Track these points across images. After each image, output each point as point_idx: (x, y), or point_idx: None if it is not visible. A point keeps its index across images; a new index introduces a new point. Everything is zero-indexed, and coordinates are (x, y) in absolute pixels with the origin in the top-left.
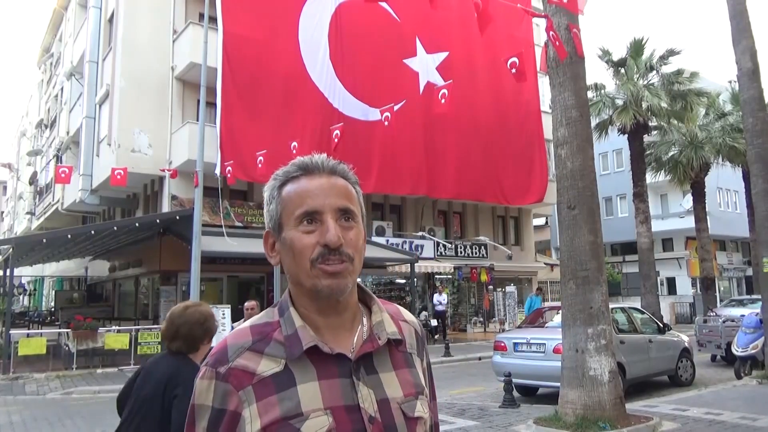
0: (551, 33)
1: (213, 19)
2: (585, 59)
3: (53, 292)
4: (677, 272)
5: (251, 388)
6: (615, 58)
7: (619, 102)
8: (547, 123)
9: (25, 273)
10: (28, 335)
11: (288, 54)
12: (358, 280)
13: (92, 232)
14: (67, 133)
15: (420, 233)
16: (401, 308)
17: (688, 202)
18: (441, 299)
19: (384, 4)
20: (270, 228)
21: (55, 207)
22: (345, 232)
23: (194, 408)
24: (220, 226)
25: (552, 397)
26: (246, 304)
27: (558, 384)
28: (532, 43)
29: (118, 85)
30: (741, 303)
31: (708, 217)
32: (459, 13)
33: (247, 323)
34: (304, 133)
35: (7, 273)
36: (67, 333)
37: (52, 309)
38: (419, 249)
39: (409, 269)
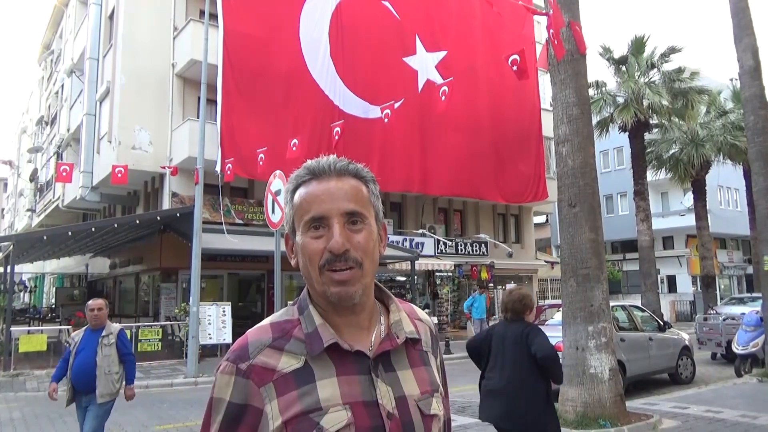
0: (551, 31)
1: (213, 16)
2: (586, 57)
3: (54, 289)
4: (678, 270)
5: (272, 385)
6: (616, 55)
7: (620, 100)
8: (548, 121)
9: (25, 270)
10: (28, 332)
11: (289, 51)
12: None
13: (93, 229)
14: (68, 130)
15: (420, 231)
16: (416, 307)
17: (688, 200)
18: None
19: (385, 2)
20: (288, 231)
21: (56, 204)
22: (353, 235)
23: (212, 401)
24: (221, 224)
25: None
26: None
27: None
28: (533, 41)
29: (119, 82)
30: (741, 301)
31: (708, 215)
32: (459, 11)
33: (267, 320)
34: (305, 130)
35: (8, 270)
36: (68, 330)
37: (53, 306)
38: (420, 246)
39: (410, 267)
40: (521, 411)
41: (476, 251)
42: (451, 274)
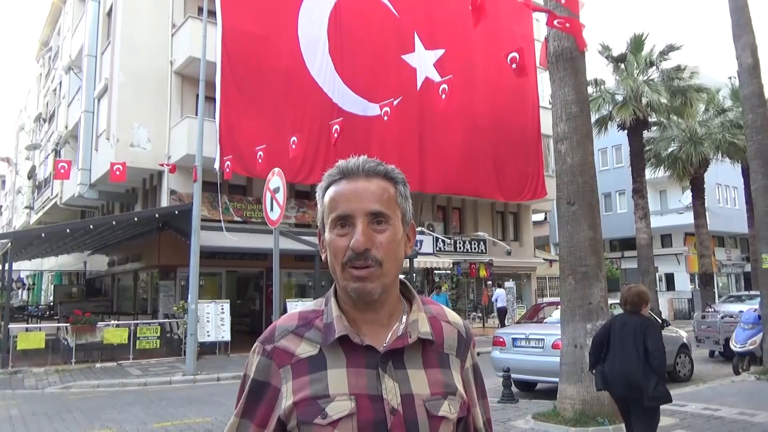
0: (556, 21)
1: (212, 13)
2: (585, 54)
3: (52, 286)
4: (676, 268)
5: (289, 367)
6: (615, 53)
7: (619, 98)
8: (546, 119)
9: (23, 267)
10: (27, 329)
11: (287, 49)
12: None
13: (91, 226)
14: (66, 127)
15: (419, 228)
16: (447, 309)
17: (687, 198)
18: (500, 294)
19: (384, 0)
20: (319, 228)
21: (54, 201)
22: (376, 235)
23: (244, 377)
24: (219, 221)
25: (551, 393)
26: None
27: (557, 379)
28: (532, 39)
29: (117, 79)
30: (739, 299)
31: (707, 213)
32: (458, 9)
33: (299, 309)
34: (304, 128)
35: (6, 267)
36: (66, 327)
37: (51, 303)
38: (418, 244)
39: (408, 264)
40: (640, 386)
41: (475, 249)
42: (449, 271)
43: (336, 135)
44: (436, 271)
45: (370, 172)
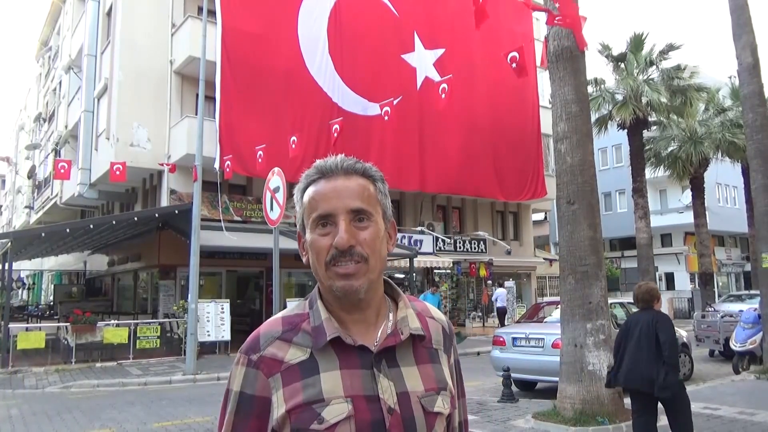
0: (556, 18)
1: (212, 13)
2: (585, 54)
3: (52, 286)
4: (676, 267)
5: (279, 375)
6: (615, 53)
7: (619, 97)
8: (546, 118)
9: (23, 267)
10: (27, 329)
11: (287, 48)
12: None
13: (91, 226)
14: (66, 127)
15: (419, 228)
16: (429, 305)
17: (687, 197)
18: (500, 294)
19: None
20: (299, 229)
21: (54, 201)
22: (359, 232)
23: (227, 392)
24: (219, 221)
25: (551, 392)
26: None
27: (557, 379)
28: (532, 38)
29: (117, 79)
30: (739, 298)
31: (707, 213)
32: (458, 9)
33: (280, 314)
34: (303, 127)
35: (6, 267)
36: (66, 327)
37: (51, 303)
38: (418, 244)
39: (408, 264)
40: (651, 378)
41: (475, 248)
42: (449, 271)
43: (336, 135)
44: (436, 271)
45: (349, 170)
